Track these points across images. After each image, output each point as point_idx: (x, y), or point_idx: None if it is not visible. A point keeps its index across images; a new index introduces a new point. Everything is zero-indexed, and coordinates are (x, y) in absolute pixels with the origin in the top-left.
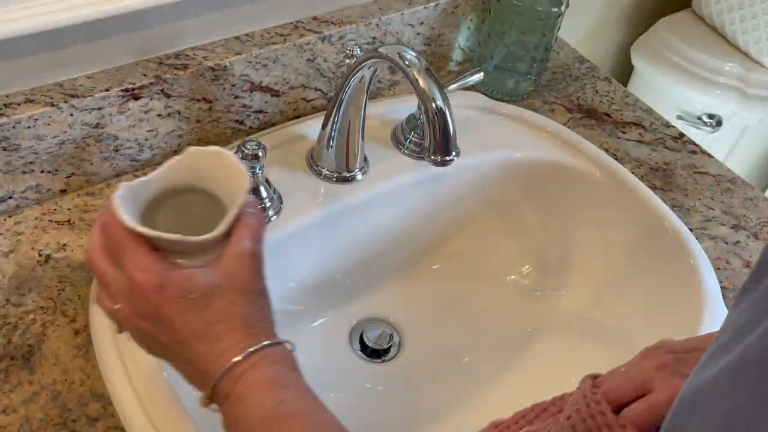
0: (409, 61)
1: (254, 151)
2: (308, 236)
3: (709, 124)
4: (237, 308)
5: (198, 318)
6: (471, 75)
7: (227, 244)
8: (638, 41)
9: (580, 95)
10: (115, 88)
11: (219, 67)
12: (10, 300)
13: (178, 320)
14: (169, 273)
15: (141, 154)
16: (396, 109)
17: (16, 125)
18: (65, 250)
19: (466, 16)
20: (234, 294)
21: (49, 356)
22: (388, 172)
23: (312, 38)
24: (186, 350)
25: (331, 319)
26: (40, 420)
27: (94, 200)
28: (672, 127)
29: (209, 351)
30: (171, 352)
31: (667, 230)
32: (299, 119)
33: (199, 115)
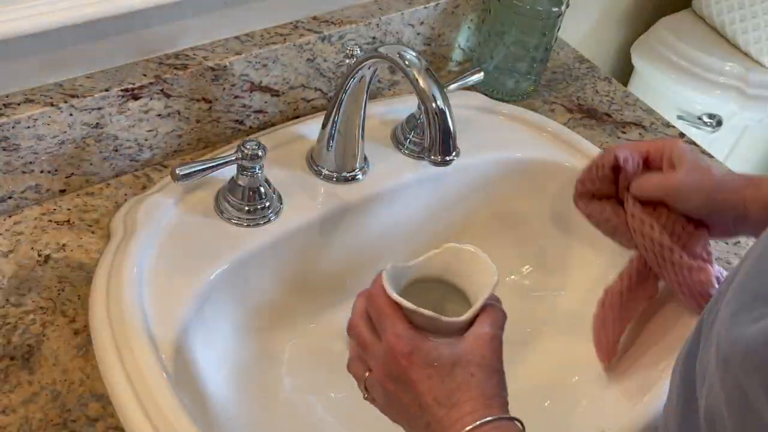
0: (409, 61)
1: (254, 151)
2: (308, 236)
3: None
4: (476, 380)
5: (440, 384)
6: (471, 75)
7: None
8: (638, 41)
9: (580, 95)
10: (115, 88)
11: (219, 67)
12: (10, 300)
13: (422, 385)
14: (420, 342)
15: (141, 154)
16: (396, 109)
17: (16, 125)
18: (65, 250)
19: (466, 16)
20: (474, 367)
21: (48, 356)
22: (388, 172)
23: (312, 38)
24: (425, 414)
25: (332, 319)
26: (40, 420)
27: (93, 200)
28: (672, 127)
29: (447, 416)
30: (411, 415)
31: None
32: (299, 119)
33: (199, 115)
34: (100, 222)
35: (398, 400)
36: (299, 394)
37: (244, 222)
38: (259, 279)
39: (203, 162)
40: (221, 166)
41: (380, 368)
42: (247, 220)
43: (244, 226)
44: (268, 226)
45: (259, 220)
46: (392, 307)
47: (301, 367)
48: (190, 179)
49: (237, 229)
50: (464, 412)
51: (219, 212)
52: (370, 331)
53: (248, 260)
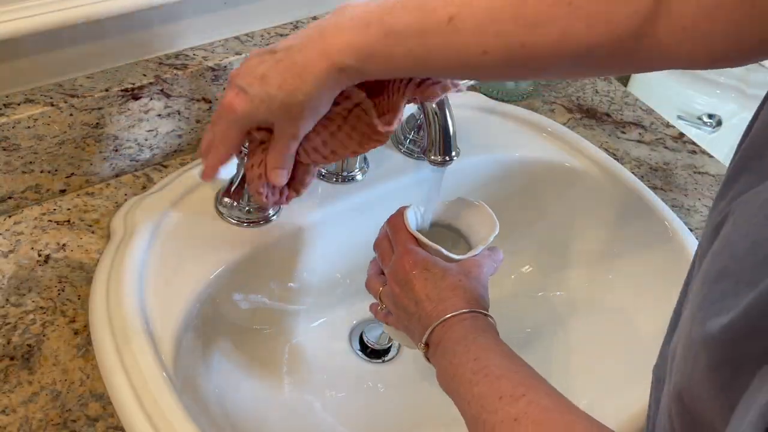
0: None
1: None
2: (308, 236)
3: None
4: (462, 285)
5: (433, 285)
6: None
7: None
8: None
9: (580, 95)
10: (115, 88)
11: (219, 67)
12: (10, 300)
13: (419, 284)
14: (423, 255)
15: (141, 154)
16: None
17: (16, 125)
18: (65, 250)
19: None
20: (462, 276)
21: (48, 356)
22: (388, 172)
23: None
24: (419, 308)
25: (331, 319)
26: (40, 420)
27: (93, 200)
28: (672, 127)
29: (435, 309)
30: (410, 314)
31: (667, 230)
32: None
33: (199, 115)
34: (100, 222)
35: (401, 302)
36: (299, 394)
37: (244, 222)
38: (259, 279)
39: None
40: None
41: (391, 274)
42: (247, 220)
43: (244, 226)
44: (268, 226)
45: (259, 220)
46: (408, 234)
47: (301, 367)
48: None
49: (237, 229)
50: (448, 305)
51: (219, 212)
52: (389, 246)
53: (248, 260)
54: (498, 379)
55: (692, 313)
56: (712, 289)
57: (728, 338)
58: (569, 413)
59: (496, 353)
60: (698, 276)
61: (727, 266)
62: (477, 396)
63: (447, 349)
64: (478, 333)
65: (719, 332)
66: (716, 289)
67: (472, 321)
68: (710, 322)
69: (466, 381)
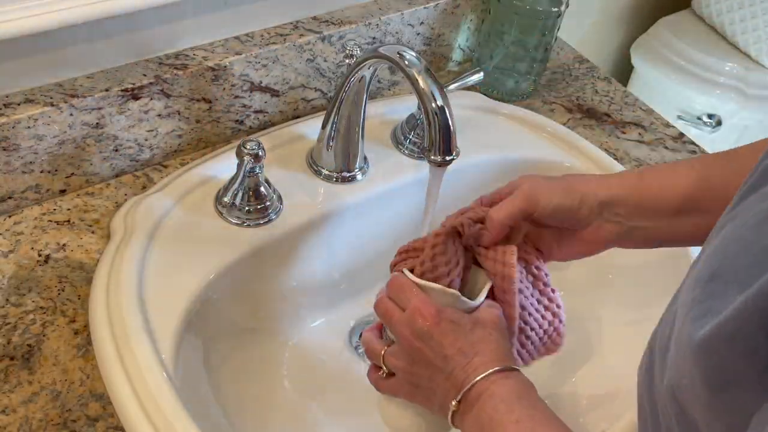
0: (409, 61)
1: (254, 151)
2: (308, 236)
3: (709, 124)
4: (494, 337)
5: (464, 338)
6: (471, 75)
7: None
8: (638, 41)
9: (580, 95)
10: (115, 88)
11: (219, 67)
12: (10, 300)
13: (447, 338)
14: (443, 307)
15: (141, 154)
16: (396, 109)
17: (16, 125)
18: (65, 250)
19: (466, 16)
20: (491, 328)
21: (48, 356)
22: (388, 172)
23: (312, 38)
24: (449, 363)
25: (331, 319)
26: (40, 420)
27: (93, 200)
28: (672, 127)
29: (470, 363)
30: (434, 369)
31: None
32: (299, 119)
33: (199, 115)
34: (100, 222)
35: (422, 356)
36: (299, 394)
37: (244, 222)
38: (259, 279)
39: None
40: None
41: (407, 328)
42: (247, 220)
43: (244, 226)
44: (268, 226)
45: (259, 220)
46: (416, 287)
47: (301, 368)
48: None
49: (237, 229)
50: (486, 359)
51: (219, 212)
52: (395, 305)
53: (248, 260)
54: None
55: (683, 313)
56: (703, 290)
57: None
58: None
59: (538, 419)
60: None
61: (719, 267)
62: None
63: (487, 405)
64: (522, 393)
65: (705, 335)
66: (707, 289)
67: (515, 380)
68: (697, 323)
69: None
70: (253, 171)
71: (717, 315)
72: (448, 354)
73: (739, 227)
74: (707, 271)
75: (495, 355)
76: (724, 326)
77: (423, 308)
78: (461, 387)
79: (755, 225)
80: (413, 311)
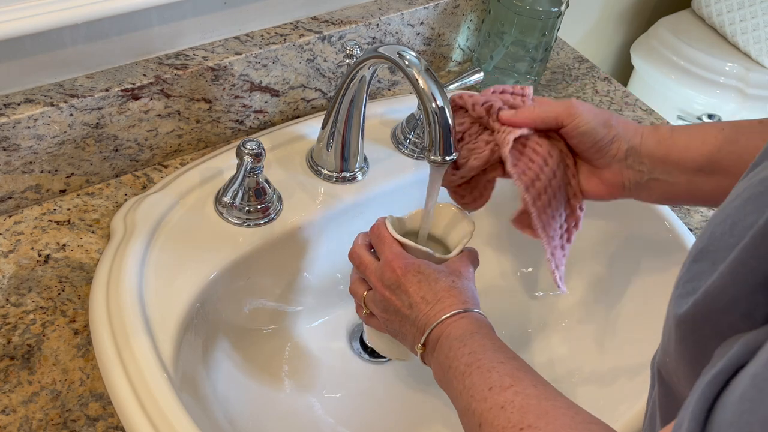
0: (409, 61)
1: (254, 151)
2: (308, 236)
3: None
4: (456, 285)
5: (427, 287)
6: (471, 75)
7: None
8: (638, 41)
9: (580, 95)
10: (115, 88)
11: (219, 67)
12: (10, 300)
13: (412, 287)
14: (412, 259)
15: (141, 154)
16: (396, 109)
17: (16, 125)
18: (65, 250)
19: (466, 16)
20: (454, 277)
21: (48, 356)
22: (388, 172)
23: (312, 38)
24: (414, 310)
25: (331, 319)
26: (40, 420)
27: (93, 200)
28: None
29: (432, 310)
30: (402, 316)
31: (667, 230)
32: (299, 119)
33: (199, 115)
34: (100, 222)
35: (392, 305)
36: (299, 393)
37: (244, 222)
38: (259, 279)
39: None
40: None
41: (378, 280)
42: (247, 220)
43: (244, 226)
44: (268, 226)
45: (259, 220)
46: (392, 239)
47: (301, 367)
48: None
49: (237, 229)
50: (446, 305)
51: (219, 212)
52: (370, 255)
53: (248, 260)
54: (489, 371)
55: (672, 292)
56: (690, 269)
57: (694, 317)
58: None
59: (489, 348)
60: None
61: (706, 246)
62: (468, 386)
63: (444, 345)
64: (475, 329)
65: (687, 310)
66: (693, 268)
67: (469, 319)
68: (681, 300)
69: (459, 373)
70: (253, 171)
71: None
72: (414, 302)
73: (726, 205)
74: (695, 251)
75: (455, 300)
76: (706, 298)
77: (393, 261)
78: (423, 331)
79: (741, 205)
80: (384, 263)
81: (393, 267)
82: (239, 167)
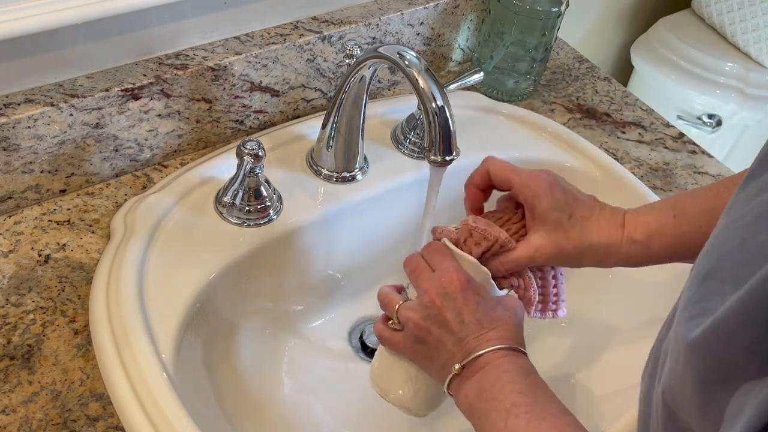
0: (409, 61)
1: (254, 151)
2: (308, 236)
3: (709, 124)
4: (512, 321)
5: (484, 311)
6: (471, 75)
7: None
8: (638, 41)
9: (580, 95)
10: (115, 88)
11: (219, 67)
12: (10, 300)
13: (470, 306)
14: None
15: (141, 154)
16: (396, 109)
17: (16, 125)
18: (65, 250)
19: (466, 16)
20: (512, 313)
21: (48, 356)
22: (388, 172)
23: (312, 38)
24: (463, 330)
25: (331, 319)
26: (40, 420)
27: (93, 200)
28: (672, 127)
29: (485, 335)
30: (445, 329)
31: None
32: (299, 119)
33: (199, 115)
34: (100, 222)
35: (441, 315)
36: (299, 394)
37: (244, 222)
38: (259, 279)
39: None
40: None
41: (433, 286)
42: (247, 220)
43: (244, 226)
44: (268, 226)
45: (259, 220)
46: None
47: (301, 367)
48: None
49: (237, 229)
50: (500, 336)
51: (219, 212)
52: (426, 264)
53: (248, 260)
54: (538, 421)
55: (679, 314)
56: (697, 290)
57: (707, 342)
58: None
59: (541, 395)
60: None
61: (713, 266)
62: (512, 428)
63: (490, 374)
64: (530, 371)
65: (700, 335)
66: (702, 289)
67: (524, 360)
68: (691, 323)
69: (503, 409)
70: (253, 171)
71: (712, 314)
72: (466, 320)
73: (732, 223)
74: (702, 271)
75: (510, 335)
76: (722, 325)
77: (455, 273)
78: (470, 353)
79: (751, 222)
80: (444, 271)
81: (453, 278)
82: (239, 167)
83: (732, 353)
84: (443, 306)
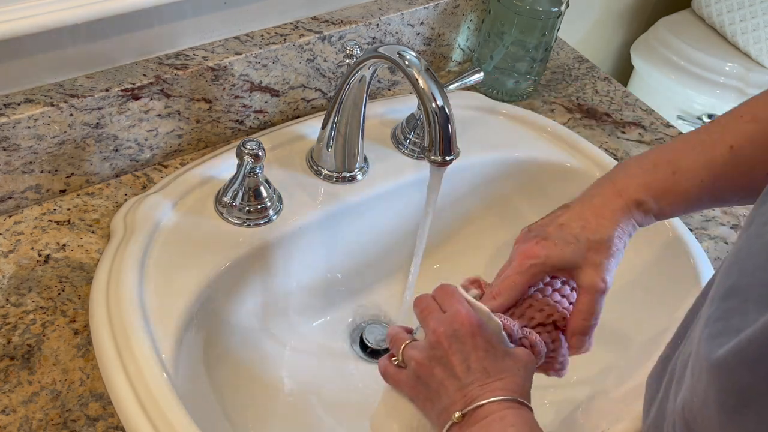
0: (409, 61)
1: (254, 151)
2: (308, 236)
3: None
4: (521, 374)
5: (493, 360)
6: (471, 75)
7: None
8: (638, 41)
9: (580, 95)
10: (115, 88)
11: (219, 67)
12: (10, 300)
13: (479, 353)
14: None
15: (141, 154)
16: (396, 109)
17: (16, 125)
18: (65, 250)
19: (466, 16)
20: (521, 366)
21: (49, 356)
22: (388, 172)
23: (312, 38)
24: (470, 375)
25: (331, 319)
26: (40, 420)
27: (93, 200)
28: (672, 127)
29: (490, 384)
30: (450, 373)
31: (666, 230)
32: (299, 119)
33: (199, 115)
34: (100, 222)
35: (446, 357)
36: (299, 393)
37: (244, 222)
38: (259, 279)
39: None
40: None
41: (441, 326)
42: (247, 220)
43: (244, 226)
44: (268, 226)
45: (259, 220)
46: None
47: (301, 368)
48: None
49: (237, 229)
50: (506, 387)
51: (219, 212)
52: (436, 304)
53: (248, 260)
54: None
55: (700, 330)
56: (719, 306)
57: (733, 363)
58: None
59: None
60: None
61: (735, 283)
62: None
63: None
64: (533, 428)
65: (722, 356)
66: (723, 306)
67: (529, 415)
68: (714, 342)
69: None
70: (253, 171)
71: (735, 334)
72: (473, 367)
73: (754, 238)
74: (723, 287)
75: (516, 387)
76: (747, 347)
77: (466, 316)
78: (471, 401)
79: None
80: (456, 314)
81: (464, 321)
82: (239, 167)
83: (755, 379)
84: (450, 348)
